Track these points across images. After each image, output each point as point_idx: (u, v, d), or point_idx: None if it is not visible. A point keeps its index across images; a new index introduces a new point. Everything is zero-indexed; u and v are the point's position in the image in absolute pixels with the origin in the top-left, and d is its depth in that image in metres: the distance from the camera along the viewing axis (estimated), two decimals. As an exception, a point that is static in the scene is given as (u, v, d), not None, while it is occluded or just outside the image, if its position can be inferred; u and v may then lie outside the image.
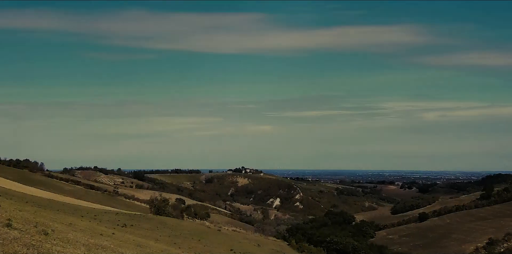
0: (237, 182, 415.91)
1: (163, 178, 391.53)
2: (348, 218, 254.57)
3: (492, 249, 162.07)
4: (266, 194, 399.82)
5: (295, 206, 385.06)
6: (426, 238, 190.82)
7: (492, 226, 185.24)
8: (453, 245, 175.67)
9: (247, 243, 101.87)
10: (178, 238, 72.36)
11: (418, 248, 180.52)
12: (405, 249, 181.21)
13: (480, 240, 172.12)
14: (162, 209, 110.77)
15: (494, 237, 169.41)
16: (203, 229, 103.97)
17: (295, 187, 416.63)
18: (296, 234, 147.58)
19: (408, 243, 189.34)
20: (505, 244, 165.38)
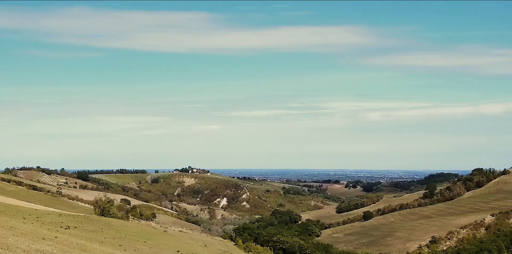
0: (183, 182, 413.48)
1: (108, 178, 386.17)
2: (294, 217, 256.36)
3: (435, 247, 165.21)
4: (213, 194, 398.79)
5: (242, 205, 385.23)
6: (370, 236, 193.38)
7: (435, 224, 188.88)
8: (397, 243, 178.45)
9: (194, 244, 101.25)
10: (124, 240, 71.23)
11: (363, 246, 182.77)
12: (350, 247, 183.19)
13: (424, 238, 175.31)
14: (106, 210, 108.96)
15: (437, 235, 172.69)
16: (149, 230, 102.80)
17: (242, 186, 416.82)
18: (243, 233, 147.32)
19: (353, 242, 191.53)
20: (447, 242, 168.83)
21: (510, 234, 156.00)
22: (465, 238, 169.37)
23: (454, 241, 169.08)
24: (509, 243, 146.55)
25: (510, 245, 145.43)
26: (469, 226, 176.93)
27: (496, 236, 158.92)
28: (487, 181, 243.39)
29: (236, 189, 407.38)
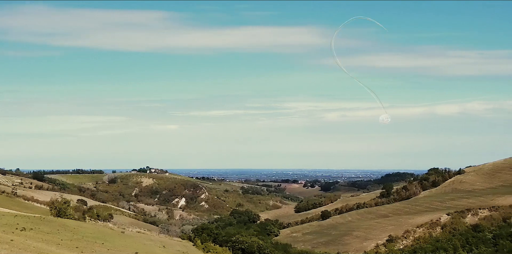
0: (141, 182, 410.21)
1: (64, 178, 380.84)
2: (253, 217, 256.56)
3: (391, 246, 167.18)
4: (171, 194, 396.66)
5: (200, 205, 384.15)
6: (328, 235, 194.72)
7: (391, 223, 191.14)
8: (354, 242, 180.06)
9: (152, 245, 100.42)
10: (81, 242, 70.19)
11: (321, 245, 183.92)
12: (308, 247, 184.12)
13: (381, 237, 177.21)
14: (63, 211, 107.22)
15: (393, 234, 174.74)
16: (107, 231, 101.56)
17: (200, 186, 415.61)
18: (201, 234, 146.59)
19: (311, 241, 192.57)
20: (404, 241, 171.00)
21: (466, 233, 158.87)
22: (421, 237, 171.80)
23: (411, 240, 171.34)
24: (464, 242, 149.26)
25: (465, 244, 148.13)
26: (425, 225, 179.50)
27: (452, 235, 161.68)
28: (442, 181, 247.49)
29: (194, 189, 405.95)
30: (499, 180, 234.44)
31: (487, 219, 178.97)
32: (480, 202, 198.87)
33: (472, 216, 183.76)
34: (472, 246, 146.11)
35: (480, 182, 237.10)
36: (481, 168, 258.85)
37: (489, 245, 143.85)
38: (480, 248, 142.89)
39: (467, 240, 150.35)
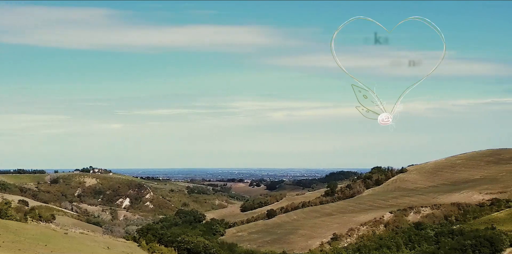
0: (84, 182, 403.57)
1: (4, 178, 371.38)
2: (199, 217, 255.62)
3: (336, 244, 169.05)
4: (115, 194, 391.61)
5: (145, 205, 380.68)
6: (274, 234, 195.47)
7: (336, 221, 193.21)
8: (299, 240, 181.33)
9: (96, 246, 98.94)
10: (23, 244, 68.56)
11: (267, 244, 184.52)
12: (254, 246, 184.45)
13: (325, 235, 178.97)
14: (4, 212, 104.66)
15: (338, 232, 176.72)
16: (49, 232, 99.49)
17: (145, 186, 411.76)
18: (146, 234, 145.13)
19: (257, 240, 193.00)
20: (348, 239, 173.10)
21: (408, 230, 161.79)
22: (365, 234, 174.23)
23: (355, 238, 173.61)
24: (407, 240, 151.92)
25: (408, 242, 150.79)
26: (368, 223, 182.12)
27: (395, 233, 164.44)
28: (385, 179, 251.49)
29: (139, 189, 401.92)
30: (441, 179, 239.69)
31: (429, 217, 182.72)
32: (422, 200, 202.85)
33: (414, 214, 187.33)
34: (415, 244, 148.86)
35: (422, 180, 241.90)
36: (423, 166, 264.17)
37: (431, 243, 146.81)
38: (423, 246, 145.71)
39: (410, 237, 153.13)
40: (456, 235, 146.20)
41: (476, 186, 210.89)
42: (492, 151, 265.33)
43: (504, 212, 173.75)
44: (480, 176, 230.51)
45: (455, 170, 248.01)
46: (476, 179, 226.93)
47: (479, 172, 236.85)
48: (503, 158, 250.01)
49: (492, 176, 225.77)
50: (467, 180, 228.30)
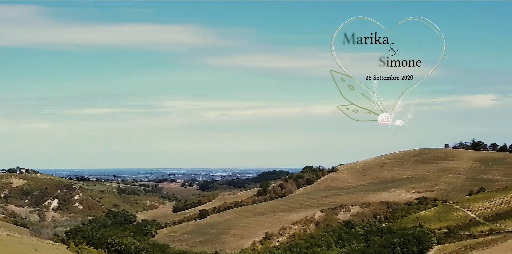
0: (11, 183, 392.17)
1: None
2: (130, 218, 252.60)
3: (268, 243, 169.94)
4: (43, 195, 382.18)
5: (74, 206, 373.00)
6: (206, 234, 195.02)
7: (268, 221, 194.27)
8: (232, 240, 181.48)
9: (24, 249, 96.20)
10: None
11: (199, 244, 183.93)
12: (186, 246, 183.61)
13: (257, 235, 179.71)
14: None
15: (270, 231, 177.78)
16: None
17: (74, 187, 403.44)
18: (75, 236, 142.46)
19: (189, 240, 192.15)
20: (280, 238, 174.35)
21: (338, 229, 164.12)
22: (296, 233, 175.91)
23: (286, 237, 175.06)
24: (337, 238, 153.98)
25: (338, 240, 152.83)
26: (300, 222, 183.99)
27: (326, 231, 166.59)
28: (316, 178, 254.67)
29: (68, 190, 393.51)
30: (370, 177, 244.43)
31: (358, 216, 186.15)
32: (352, 199, 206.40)
33: (344, 212, 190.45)
34: (345, 242, 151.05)
35: (352, 179, 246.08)
36: (353, 166, 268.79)
37: (361, 241, 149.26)
38: (353, 244, 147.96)
39: (340, 236, 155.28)
40: (385, 233, 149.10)
41: (404, 185, 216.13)
42: (419, 151, 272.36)
43: (431, 210, 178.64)
44: (408, 175, 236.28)
45: (383, 169, 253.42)
46: (404, 178, 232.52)
47: (407, 171, 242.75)
48: (430, 158, 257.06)
49: (420, 175, 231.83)
50: (396, 179, 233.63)
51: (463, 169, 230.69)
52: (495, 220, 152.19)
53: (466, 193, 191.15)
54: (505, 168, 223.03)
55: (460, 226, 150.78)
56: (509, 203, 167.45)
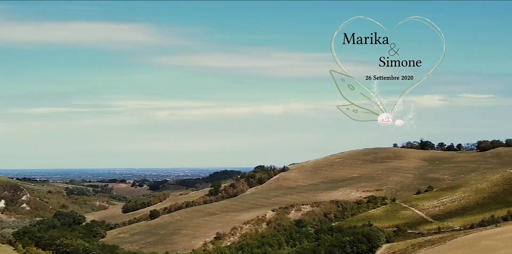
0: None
1: None
2: (78, 219, 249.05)
3: (219, 243, 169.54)
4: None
5: (21, 207, 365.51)
6: (157, 235, 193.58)
7: (219, 221, 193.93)
8: (183, 241, 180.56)
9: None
10: None
11: (149, 245, 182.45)
12: (136, 247, 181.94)
13: (208, 235, 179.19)
14: None
15: (221, 231, 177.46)
16: None
17: (21, 187, 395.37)
18: (23, 237, 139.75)
19: (139, 241, 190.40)
20: (231, 238, 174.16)
21: (290, 228, 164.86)
22: (248, 233, 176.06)
23: (238, 237, 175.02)
24: (288, 237, 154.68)
25: (289, 239, 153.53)
26: (251, 221, 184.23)
27: (277, 231, 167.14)
28: (268, 178, 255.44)
29: (15, 190, 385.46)
30: (320, 177, 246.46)
31: (309, 215, 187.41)
32: (303, 198, 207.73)
33: (295, 211, 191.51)
34: (296, 241, 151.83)
35: (303, 178, 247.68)
36: (304, 165, 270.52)
37: (311, 240, 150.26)
38: (303, 243, 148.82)
39: (291, 235, 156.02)
40: (335, 232, 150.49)
41: (354, 184, 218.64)
42: (369, 150, 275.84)
43: (380, 209, 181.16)
44: (358, 174, 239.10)
45: (334, 168, 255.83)
46: (354, 177, 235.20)
47: (357, 170, 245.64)
48: (379, 157, 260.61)
49: (369, 174, 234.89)
50: (346, 178, 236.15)
51: (412, 168, 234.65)
52: (443, 219, 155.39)
53: (415, 192, 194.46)
54: (452, 167, 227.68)
55: (409, 225, 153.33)
56: (456, 202, 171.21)
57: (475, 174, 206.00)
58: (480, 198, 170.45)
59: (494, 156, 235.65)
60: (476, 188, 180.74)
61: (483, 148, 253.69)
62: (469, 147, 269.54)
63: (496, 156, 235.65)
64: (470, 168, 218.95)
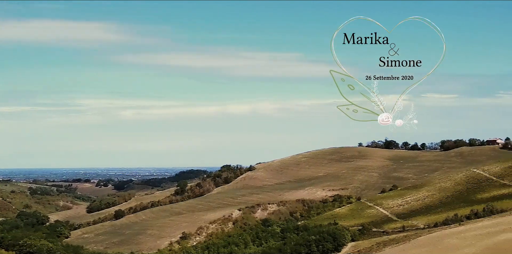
0: None
1: None
2: (42, 219, 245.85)
3: (185, 243, 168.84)
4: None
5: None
6: (122, 235, 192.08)
7: (185, 220, 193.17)
8: (148, 241, 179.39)
9: None
10: None
11: (114, 245, 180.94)
12: (101, 247, 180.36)
13: (174, 234, 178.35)
14: None
15: (187, 231, 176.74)
16: None
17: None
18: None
19: (104, 242, 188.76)
20: (197, 238, 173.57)
21: (256, 227, 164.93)
22: (214, 233, 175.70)
23: (204, 236, 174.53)
24: (254, 237, 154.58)
25: (255, 239, 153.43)
26: (217, 221, 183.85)
27: (243, 230, 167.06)
28: (234, 177, 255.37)
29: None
30: (287, 176, 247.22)
31: (275, 214, 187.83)
32: (269, 197, 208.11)
33: (262, 211, 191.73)
34: (262, 240, 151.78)
35: (269, 178, 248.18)
36: (270, 164, 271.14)
37: (277, 239, 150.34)
38: (269, 242, 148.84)
39: (257, 234, 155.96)
40: (301, 230, 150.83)
41: (319, 183, 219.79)
42: (334, 149, 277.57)
43: (345, 208, 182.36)
44: (324, 173, 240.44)
45: (300, 167, 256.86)
46: (320, 176, 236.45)
47: (323, 169, 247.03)
48: (345, 156, 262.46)
49: (335, 173, 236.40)
50: (311, 177, 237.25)
51: (376, 167, 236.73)
52: (407, 217, 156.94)
53: (379, 191, 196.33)
54: (416, 166, 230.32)
55: (374, 223, 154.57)
56: (420, 201, 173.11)
57: (439, 173, 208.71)
58: (443, 197, 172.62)
59: (457, 155, 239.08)
60: (440, 187, 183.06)
61: (446, 147, 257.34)
62: (433, 146, 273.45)
63: (460, 155, 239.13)
64: (434, 167, 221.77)
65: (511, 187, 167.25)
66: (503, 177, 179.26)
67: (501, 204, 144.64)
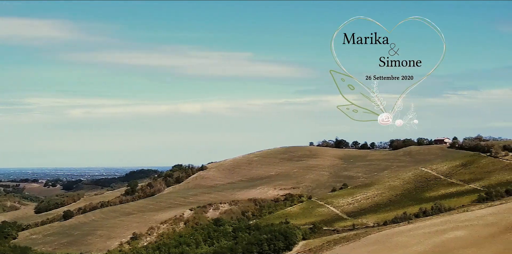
0: None
1: None
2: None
3: (135, 243, 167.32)
4: None
5: None
6: (71, 236, 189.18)
7: (136, 221, 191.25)
8: (98, 241, 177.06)
9: None
10: None
11: (63, 246, 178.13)
12: (49, 248, 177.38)
13: (124, 235, 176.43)
14: None
15: (138, 231, 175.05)
16: None
17: None
18: None
19: (52, 243, 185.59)
20: (148, 238, 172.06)
21: (207, 227, 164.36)
22: (165, 233, 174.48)
23: (155, 236, 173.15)
24: (206, 236, 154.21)
25: (207, 238, 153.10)
26: (169, 221, 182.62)
27: (195, 230, 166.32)
28: (186, 177, 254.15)
29: None
30: (238, 175, 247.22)
31: (227, 213, 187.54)
32: (221, 196, 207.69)
33: (213, 210, 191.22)
34: (214, 240, 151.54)
35: (221, 177, 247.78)
36: (222, 163, 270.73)
37: (229, 238, 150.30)
38: (221, 241, 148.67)
39: (209, 234, 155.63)
40: (252, 230, 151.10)
41: (271, 182, 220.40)
42: (285, 149, 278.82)
43: (297, 207, 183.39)
44: (275, 172, 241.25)
45: (251, 166, 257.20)
46: (271, 175, 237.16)
47: (274, 168, 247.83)
48: (296, 155, 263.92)
49: (286, 172, 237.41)
50: (263, 176, 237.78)
51: (327, 166, 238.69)
52: (357, 216, 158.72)
53: (330, 190, 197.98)
54: (365, 165, 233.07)
55: (325, 222, 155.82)
56: (370, 199, 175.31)
57: (388, 171, 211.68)
58: (393, 195, 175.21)
59: (406, 154, 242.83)
60: (389, 185, 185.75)
61: (395, 146, 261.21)
62: (382, 145, 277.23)
63: (408, 154, 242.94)
64: (383, 166, 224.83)
65: (458, 185, 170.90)
66: (451, 175, 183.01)
67: (449, 202, 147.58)
